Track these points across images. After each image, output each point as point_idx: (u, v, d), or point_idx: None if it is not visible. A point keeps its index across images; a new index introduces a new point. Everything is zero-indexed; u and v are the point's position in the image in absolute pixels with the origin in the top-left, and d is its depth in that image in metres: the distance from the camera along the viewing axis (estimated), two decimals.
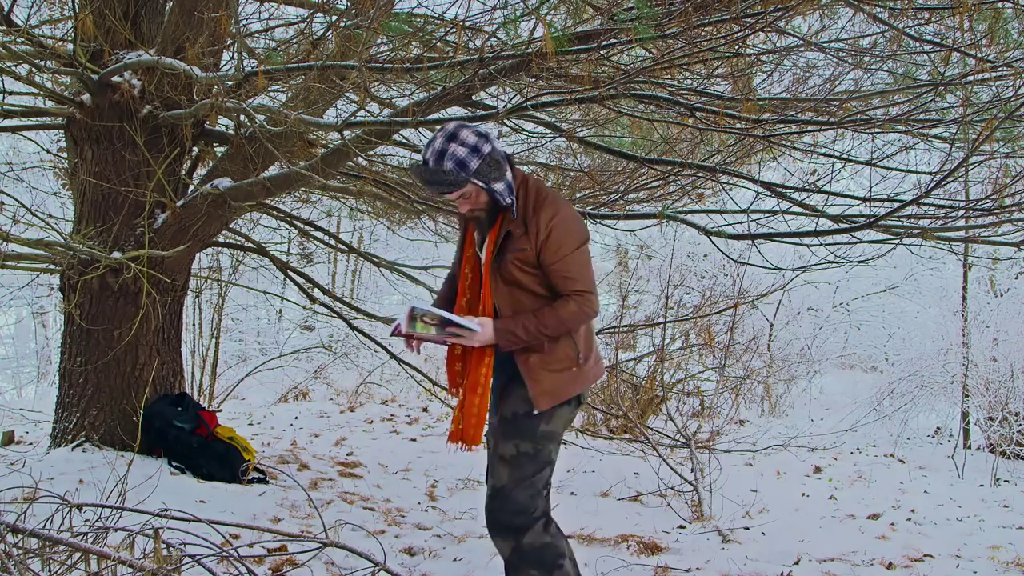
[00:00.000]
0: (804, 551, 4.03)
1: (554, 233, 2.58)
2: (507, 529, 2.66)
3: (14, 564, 2.26)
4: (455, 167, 2.49)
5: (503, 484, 2.67)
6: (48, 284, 8.67)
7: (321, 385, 11.14)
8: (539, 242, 2.58)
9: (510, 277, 2.63)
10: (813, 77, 4.50)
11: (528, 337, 2.60)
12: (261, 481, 4.85)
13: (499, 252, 2.64)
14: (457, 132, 2.53)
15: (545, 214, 2.59)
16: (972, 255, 8.24)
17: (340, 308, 6.77)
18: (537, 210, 2.60)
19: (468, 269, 2.76)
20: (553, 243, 2.59)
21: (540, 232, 2.58)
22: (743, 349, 8.64)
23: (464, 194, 2.58)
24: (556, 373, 2.66)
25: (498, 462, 2.70)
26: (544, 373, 2.65)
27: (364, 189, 5.93)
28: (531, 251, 2.60)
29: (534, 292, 2.65)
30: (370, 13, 3.66)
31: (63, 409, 4.91)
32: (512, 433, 2.68)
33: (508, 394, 2.71)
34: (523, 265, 2.62)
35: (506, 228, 2.63)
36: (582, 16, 4.37)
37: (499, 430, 2.72)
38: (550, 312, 2.61)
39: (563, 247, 2.60)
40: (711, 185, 5.43)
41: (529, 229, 2.59)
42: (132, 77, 4.75)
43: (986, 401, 8.30)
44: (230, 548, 2.54)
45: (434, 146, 2.52)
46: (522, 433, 2.67)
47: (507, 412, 2.70)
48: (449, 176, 2.49)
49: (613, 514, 4.66)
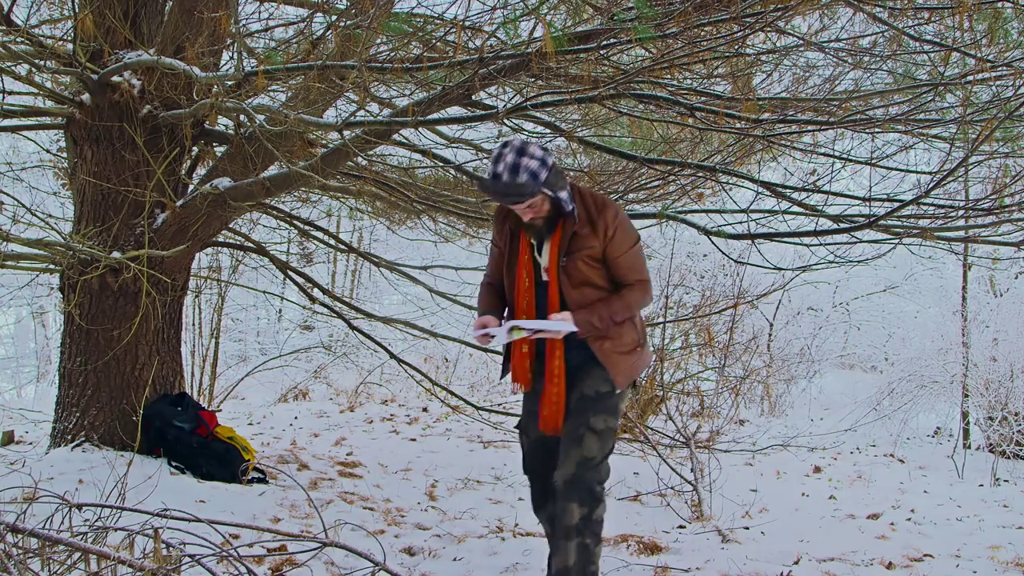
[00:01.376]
0: (804, 551, 4.03)
1: (619, 230, 2.92)
2: (589, 495, 2.89)
3: (14, 564, 2.26)
4: (529, 179, 2.75)
5: (593, 455, 2.91)
6: (48, 284, 8.67)
7: (321, 385, 11.13)
8: (607, 239, 2.90)
9: (578, 274, 2.92)
10: (813, 77, 4.50)
11: (602, 324, 2.91)
12: (261, 481, 4.85)
13: (566, 253, 2.91)
14: (525, 147, 2.80)
15: (609, 213, 2.91)
16: (972, 255, 8.24)
17: (340, 308, 6.77)
18: (601, 211, 2.92)
19: (525, 274, 3.00)
20: (619, 239, 2.92)
21: (608, 229, 2.90)
22: (743, 349, 8.65)
23: (532, 204, 2.84)
24: (626, 355, 2.98)
25: (588, 434, 2.92)
26: (617, 356, 2.96)
27: (364, 189, 5.93)
28: (599, 248, 2.91)
29: (597, 285, 2.95)
30: (370, 13, 3.67)
31: (63, 409, 4.91)
32: (600, 409, 2.95)
33: (585, 375, 2.98)
34: (591, 261, 2.92)
35: (570, 230, 2.92)
36: (582, 16, 4.37)
37: (585, 407, 2.95)
38: (618, 300, 2.93)
39: (626, 242, 2.95)
40: (711, 185, 5.43)
41: (596, 228, 2.90)
42: (132, 77, 4.75)
43: (986, 401, 8.30)
44: (230, 548, 2.54)
45: (506, 161, 2.77)
46: (608, 409, 2.97)
47: (589, 391, 2.96)
48: (526, 188, 2.75)
49: (613, 514, 4.63)
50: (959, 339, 8.67)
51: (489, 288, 3.17)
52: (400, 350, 8.51)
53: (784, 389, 10.89)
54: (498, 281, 3.15)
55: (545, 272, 2.98)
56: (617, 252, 2.93)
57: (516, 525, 4.34)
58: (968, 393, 8.50)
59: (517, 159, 2.76)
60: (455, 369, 11.85)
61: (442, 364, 11.80)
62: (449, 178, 6.14)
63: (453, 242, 7.40)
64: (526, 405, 3.14)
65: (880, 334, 13.49)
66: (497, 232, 3.11)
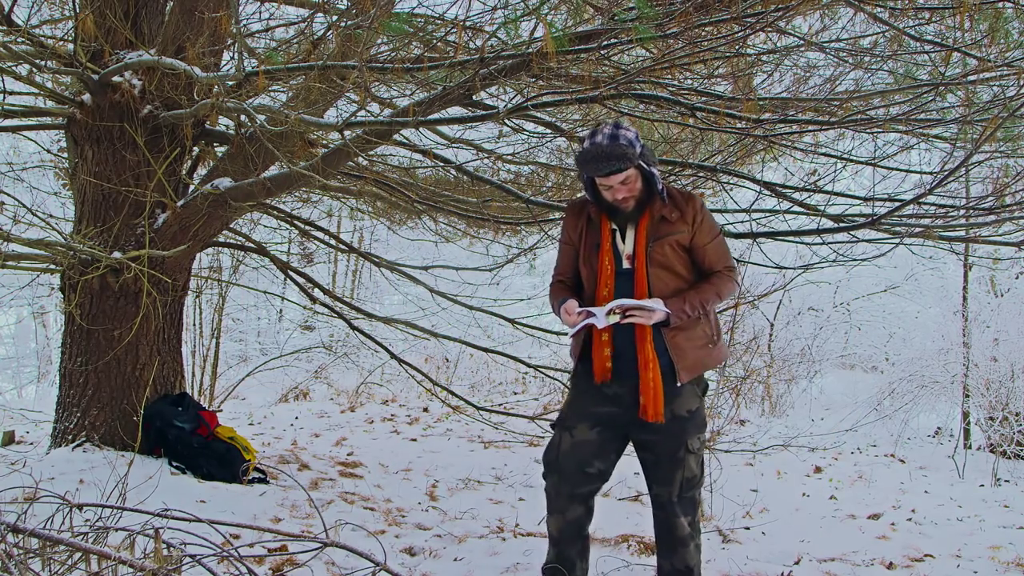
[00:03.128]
0: (804, 551, 4.03)
1: (707, 218, 2.95)
2: (692, 506, 3.02)
3: (14, 564, 2.26)
4: (629, 145, 2.77)
5: (695, 474, 2.99)
6: (48, 284, 8.67)
7: (321, 385, 11.14)
8: (696, 225, 2.92)
9: (664, 260, 2.91)
10: (813, 77, 4.50)
11: (692, 312, 2.89)
12: (261, 481, 4.85)
13: (655, 238, 2.90)
14: (619, 123, 2.87)
15: (696, 202, 2.95)
16: (973, 255, 8.24)
17: (340, 308, 6.77)
18: (689, 199, 2.95)
19: (608, 261, 2.95)
20: (707, 226, 2.95)
21: (697, 216, 2.92)
22: (744, 349, 8.64)
23: (628, 178, 2.84)
24: (697, 349, 2.94)
25: (688, 456, 2.96)
26: (688, 349, 2.92)
27: (364, 189, 5.94)
28: (687, 234, 2.92)
29: (679, 273, 2.94)
30: (370, 13, 3.66)
31: (63, 409, 4.91)
32: (694, 429, 2.97)
33: (676, 394, 2.94)
34: (678, 248, 2.92)
35: (659, 214, 2.92)
36: (582, 16, 4.37)
37: (683, 427, 2.95)
38: (708, 286, 2.93)
39: (714, 229, 2.98)
40: (712, 185, 5.43)
41: (685, 214, 2.92)
42: (132, 77, 4.75)
43: (986, 401, 8.30)
44: (230, 548, 2.54)
45: (604, 132, 2.81)
46: (700, 425, 3.00)
47: (681, 411, 2.94)
48: (628, 152, 2.76)
49: (613, 514, 4.65)
50: (960, 339, 8.67)
51: (561, 284, 3.12)
52: (401, 350, 8.51)
53: (785, 389, 10.88)
54: (570, 277, 3.12)
55: (627, 259, 2.95)
56: (706, 239, 2.94)
57: (517, 525, 4.34)
58: (969, 393, 8.50)
59: (615, 130, 2.81)
60: (456, 369, 11.86)
61: (443, 364, 11.81)
62: (450, 178, 6.14)
63: (454, 242, 7.41)
64: (579, 403, 3.02)
65: (881, 334, 13.48)
66: (570, 227, 3.08)
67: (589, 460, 2.96)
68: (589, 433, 2.97)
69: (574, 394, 3.06)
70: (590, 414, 2.98)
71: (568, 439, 2.99)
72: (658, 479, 3.00)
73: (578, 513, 3.00)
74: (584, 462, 2.96)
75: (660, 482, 3.00)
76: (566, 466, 2.97)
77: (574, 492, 2.98)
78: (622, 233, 2.97)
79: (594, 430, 2.97)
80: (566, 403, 3.09)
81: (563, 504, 2.99)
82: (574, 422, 3.00)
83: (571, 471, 2.97)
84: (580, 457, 2.96)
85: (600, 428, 2.97)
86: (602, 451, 2.98)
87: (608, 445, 2.99)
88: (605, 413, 2.97)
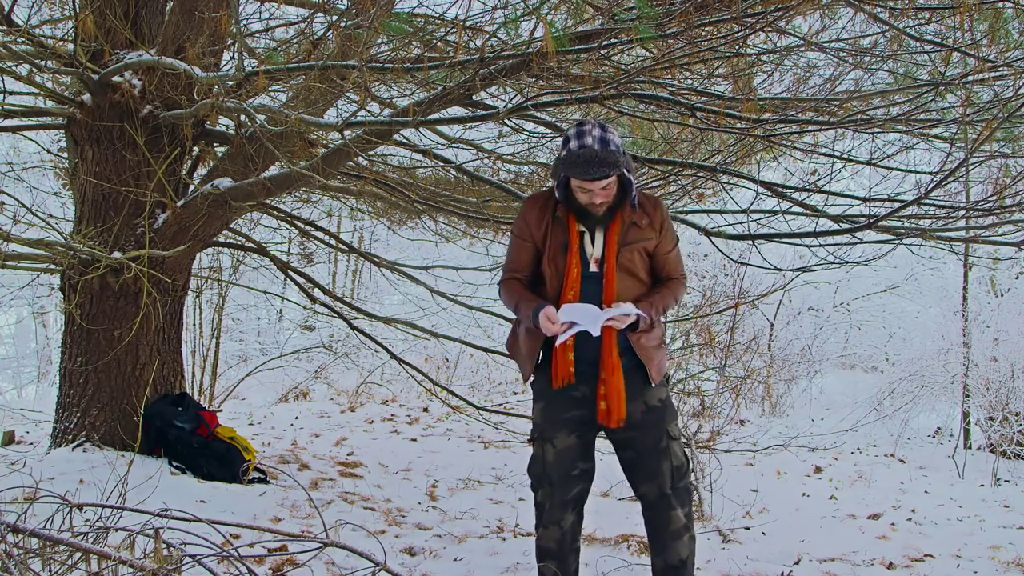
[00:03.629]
0: (804, 551, 4.03)
1: (671, 225, 3.02)
2: (687, 495, 3.03)
3: (14, 564, 2.26)
4: (617, 151, 2.78)
5: (681, 461, 3.01)
6: (48, 284, 8.67)
7: (321, 385, 11.14)
8: (662, 232, 2.97)
9: (631, 266, 2.94)
10: (813, 77, 4.50)
11: (656, 315, 2.96)
12: (261, 481, 4.85)
13: (624, 243, 2.92)
14: (605, 124, 2.84)
15: (662, 209, 2.99)
16: (972, 255, 8.23)
17: (340, 308, 6.77)
18: (656, 205, 2.98)
19: (575, 264, 2.93)
20: (669, 233, 3.01)
21: (664, 223, 2.97)
22: (743, 349, 8.65)
23: (610, 183, 2.83)
24: (656, 350, 2.99)
25: (671, 443, 2.98)
26: (651, 350, 2.96)
27: (364, 189, 5.94)
28: (655, 240, 2.96)
29: (642, 279, 2.98)
30: (370, 13, 3.66)
31: (63, 409, 4.91)
32: (669, 415, 3.00)
33: (647, 388, 2.97)
34: (644, 254, 2.96)
35: (630, 219, 2.93)
36: (582, 16, 4.37)
37: (659, 417, 2.97)
38: (669, 292, 3.00)
39: (675, 236, 3.05)
40: (711, 185, 5.43)
41: (654, 220, 2.96)
42: (132, 77, 4.75)
43: (986, 401, 8.29)
44: (230, 548, 2.54)
45: (593, 134, 2.78)
46: (673, 413, 3.03)
47: (654, 401, 2.97)
48: (619, 157, 2.77)
49: (613, 514, 4.65)
50: (960, 339, 8.66)
51: (517, 283, 3.03)
52: (401, 350, 8.51)
53: (785, 389, 10.88)
54: (526, 275, 3.04)
55: (595, 263, 2.93)
56: (669, 246, 3.00)
57: (517, 525, 4.34)
58: (969, 393, 8.49)
59: (603, 133, 2.79)
60: (456, 369, 11.86)
61: (443, 364, 11.81)
62: (450, 178, 6.14)
63: (454, 242, 7.41)
64: (552, 412, 2.99)
65: (881, 334, 13.48)
66: (533, 223, 2.98)
67: (574, 464, 2.99)
68: (569, 439, 2.97)
69: (543, 404, 3.02)
70: (564, 421, 2.97)
71: (551, 450, 2.99)
72: (645, 475, 2.97)
73: (572, 521, 3.02)
74: (570, 467, 2.99)
75: (648, 478, 2.97)
76: (555, 476, 2.99)
77: (565, 499, 2.99)
78: (591, 236, 2.94)
79: (572, 435, 2.98)
80: (537, 414, 3.05)
81: (557, 514, 2.99)
82: (552, 432, 2.99)
83: (560, 479, 2.98)
84: (566, 464, 2.98)
85: (578, 432, 2.98)
86: (584, 452, 3.01)
87: (588, 446, 3.03)
88: (578, 416, 2.96)
